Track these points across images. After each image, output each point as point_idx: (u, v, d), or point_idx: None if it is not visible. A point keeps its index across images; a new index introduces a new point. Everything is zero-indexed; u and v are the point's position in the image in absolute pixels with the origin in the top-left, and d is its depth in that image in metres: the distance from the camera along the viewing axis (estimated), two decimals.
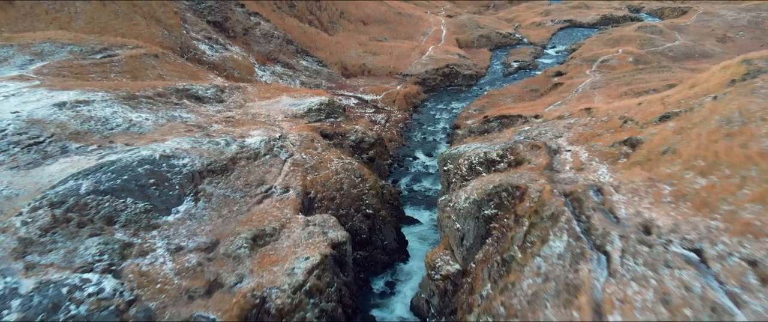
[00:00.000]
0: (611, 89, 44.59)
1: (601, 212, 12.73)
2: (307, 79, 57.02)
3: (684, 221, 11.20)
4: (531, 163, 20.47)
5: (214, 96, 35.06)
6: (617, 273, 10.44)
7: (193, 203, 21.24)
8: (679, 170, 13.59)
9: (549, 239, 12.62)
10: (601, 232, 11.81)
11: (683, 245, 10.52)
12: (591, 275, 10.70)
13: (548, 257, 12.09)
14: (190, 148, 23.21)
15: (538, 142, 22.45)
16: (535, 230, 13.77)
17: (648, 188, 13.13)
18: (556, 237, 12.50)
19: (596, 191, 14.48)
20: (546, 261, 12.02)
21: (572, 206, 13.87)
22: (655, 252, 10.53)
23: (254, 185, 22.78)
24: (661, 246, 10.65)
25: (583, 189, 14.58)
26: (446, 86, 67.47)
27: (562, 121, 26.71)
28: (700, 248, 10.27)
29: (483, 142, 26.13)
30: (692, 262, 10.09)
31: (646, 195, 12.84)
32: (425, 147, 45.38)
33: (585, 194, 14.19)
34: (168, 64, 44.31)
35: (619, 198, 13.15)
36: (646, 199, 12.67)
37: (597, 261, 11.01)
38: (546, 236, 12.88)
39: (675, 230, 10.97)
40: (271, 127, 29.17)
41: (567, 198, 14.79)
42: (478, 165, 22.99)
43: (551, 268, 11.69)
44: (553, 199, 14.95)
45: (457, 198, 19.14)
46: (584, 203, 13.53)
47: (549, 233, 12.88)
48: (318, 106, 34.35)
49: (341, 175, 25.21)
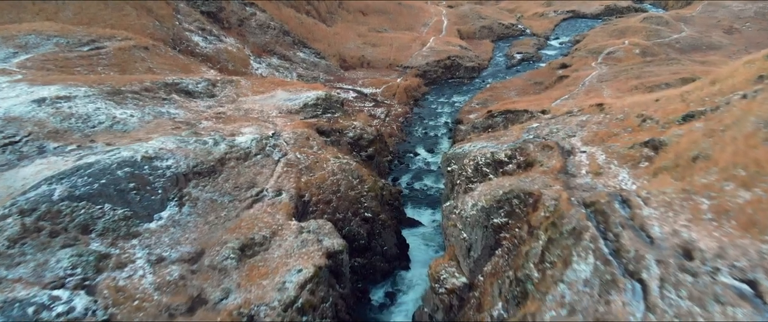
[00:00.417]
0: (620, 83, 42.89)
1: (632, 230, 11.17)
2: (304, 72, 55.24)
3: (730, 243, 9.64)
4: (543, 165, 18.90)
5: (205, 90, 33.40)
6: (657, 308, 8.91)
7: (177, 208, 19.68)
8: (717, 180, 12.02)
9: (572, 261, 11.07)
10: (634, 255, 10.25)
11: (733, 274, 8.97)
12: (625, 309, 9.17)
13: (573, 283, 10.55)
14: (175, 149, 21.61)
15: (549, 142, 20.86)
16: (554, 248, 12.22)
17: (683, 202, 11.56)
18: (580, 259, 10.95)
19: (621, 202, 12.92)
20: (570, 288, 10.48)
21: (596, 220, 12.31)
22: (701, 283, 8.98)
23: (244, 187, 21.22)
24: (708, 275, 9.11)
25: (607, 200, 13.02)
26: (448, 79, 65.66)
27: (573, 118, 25.10)
28: (754, 280, 8.73)
29: (489, 141, 24.54)
30: (746, 296, 8.55)
31: (682, 210, 11.27)
32: (426, 143, 43.76)
33: (609, 206, 12.63)
34: (158, 56, 42.54)
35: (650, 213, 11.59)
36: (682, 214, 11.11)
37: (631, 291, 9.48)
38: (568, 257, 11.33)
39: (721, 256, 9.42)
40: (264, 124, 27.55)
41: (588, 209, 13.24)
42: (484, 166, 21.43)
43: (577, 297, 10.15)
44: (573, 210, 13.40)
45: (463, 205, 17.59)
46: (610, 218, 11.97)
47: (572, 253, 11.33)
48: (314, 101, 32.70)
49: (338, 176, 23.65)
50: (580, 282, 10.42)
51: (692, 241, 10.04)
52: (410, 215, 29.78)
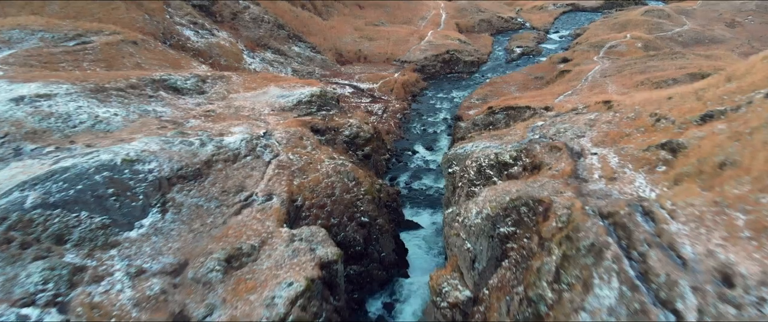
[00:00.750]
0: (625, 78, 41.64)
1: (660, 249, 9.95)
2: (299, 67, 53.80)
3: None
4: (551, 168, 17.67)
5: (194, 87, 32.02)
6: None
7: (160, 215, 18.40)
8: (751, 191, 10.80)
9: (593, 285, 9.85)
10: (665, 280, 9.05)
11: None
12: None
13: (596, 311, 9.34)
14: (158, 150, 20.29)
15: (557, 143, 19.63)
16: (571, 266, 11.00)
17: (715, 216, 10.35)
18: (603, 282, 9.73)
19: (644, 213, 11.70)
20: (593, 317, 9.28)
21: (617, 235, 11.09)
22: (747, 317, 7.77)
23: (232, 192, 19.94)
24: (754, 307, 7.92)
25: (627, 211, 11.79)
26: (446, 73, 64.26)
27: (580, 116, 23.86)
28: None
29: (492, 140, 23.29)
30: None
31: (715, 226, 10.06)
32: (425, 140, 42.50)
33: (631, 219, 11.40)
34: (148, 51, 41.07)
35: (679, 228, 10.36)
36: (715, 232, 9.89)
37: None
38: (589, 279, 10.12)
39: (767, 283, 8.20)
40: (255, 123, 26.23)
41: (606, 221, 12.03)
42: (488, 168, 20.20)
43: None
44: (589, 222, 12.18)
45: (466, 212, 16.36)
46: (633, 233, 10.74)
47: (592, 275, 10.11)
48: (308, 97, 31.36)
49: (333, 178, 22.39)
50: (604, 310, 9.21)
51: (731, 264, 8.83)
52: (409, 217, 28.57)
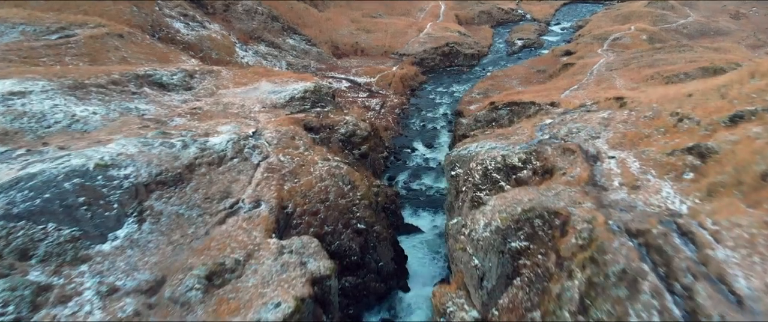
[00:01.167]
0: (632, 72, 40.01)
1: (707, 282, 8.41)
2: (294, 60, 52.00)
3: None
4: (566, 174, 16.11)
5: (180, 83, 30.31)
6: None
7: (137, 225, 16.81)
8: None
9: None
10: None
11: None
12: None
13: None
14: (136, 153, 18.66)
15: (570, 145, 18.05)
16: (599, 297, 9.46)
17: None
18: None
19: (681, 234, 10.14)
20: None
21: (652, 261, 9.55)
22: None
23: (216, 198, 18.34)
24: None
25: (662, 231, 10.24)
26: (446, 67, 62.51)
27: (592, 114, 22.28)
28: None
29: (497, 140, 21.71)
30: None
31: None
32: (425, 136, 40.88)
33: (667, 240, 9.85)
34: (134, 44, 39.26)
35: (727, 256, 8.82)
36: None
37: None
38: (624, 316, 8.57)
39: None
40: (244, 121, 24.58)
41: (636, 241, 10.48)
42: (494, 171, 18.64)
43: None
44: (615, 241, 10.64)
45: (473, 224, 14.80)
46: (673, 260, 9.20)
47: (628, 312, 8.57)
48: (302, 93, 29.69)
49: (327, 182, 20.80)
50: None
51: None
52: (408, 220, 27.03)
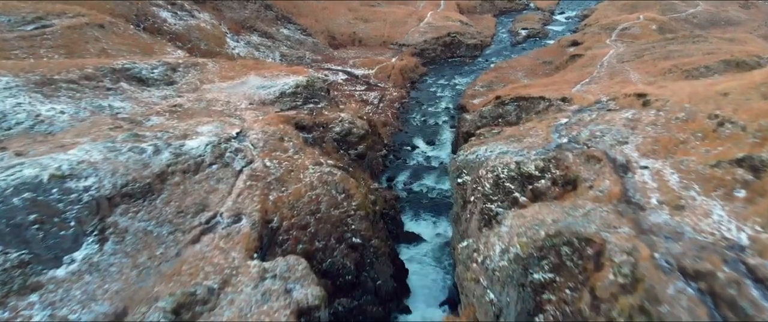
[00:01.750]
0: (646, 64, 37.63)
1: None
2: (288, 51, 49.53)
3: None
4: (593, 187, 13.89)
5: (162, 77, 27.97)
6: None
7: (97, 246, 14.62)
8: None
9: None
10: None
11: None
12: None
13: None
14: (100, 161, 16.40)
15: (594, 152, 15.81)
16: None
17: None
18: None
19: (755, 280, 7.96)
20: None
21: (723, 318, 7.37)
22: None
23: (191, 212, 16.12)
24: None
25: (730, 277, 8.06)
26: (447, 58, 60.02)
27: (613, 114, 20.02)
28: None
29: (509, 144, 19.46)
30: None
31: None
32: (426, 132, 38.58)
33: (742, 292, 7.67)
34: (116, 35, 36.81)
35: None
36: None
37: None
38: None
39: None
40: (227, 120, 22.30)
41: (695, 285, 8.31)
42: (508, 180, 16.42)
43: None
44: (668, 284, 8.50)
45: (487, 249, 12.61)
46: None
47: None
48: (293, 88, 27.37)
49: (318, 190, 18.58)
50: None
51: None
52: (409, 227, 24.89)
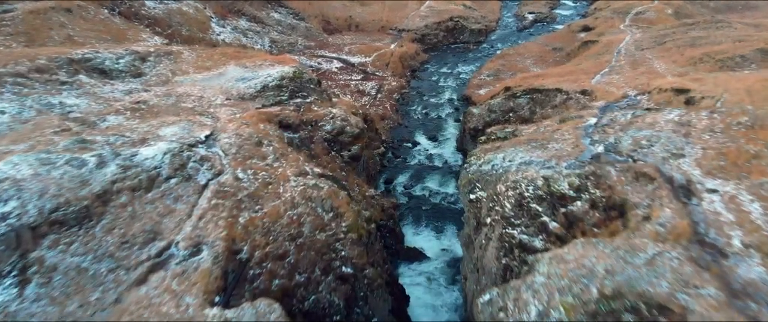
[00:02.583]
0: (671, 52, 34.20)
1: None
2: (278, 37, 45.97)
3: None
4: (650, 219, 10.72)
5: (128, 68, 24.62)
6: None
7: (17, 289, 11.47)
8: None
9: None
10: None
11: None
12: None
13: None
14: (28, 178, 13.19)
15: (644, 167, 12.62)
16: None
17: None
18: None
19: None
20: None
21: None
22: None
23: (138, 242, 12.95)
24: None
25: None
26: (450, 44, 56.41)
27: (656, 115, 16.78)
28: None
29: (530, 150, 16.25)
30: None
31: None
32: (428, 127, 35.31)
33: None
34: (84, 21, 33.34)
35: None
36: None
37: None
38: None
39: None
40: (198, 120, 19.04)
41: None
42: (534, 201, 13.26)
43: None
44: None
45: (519, 309, 9.44)
46: None
47: None
48: (278, 80, 24.04)
49: (301, 208, 15.39)
50: None
51: None
52: (410, 241, 21.84)
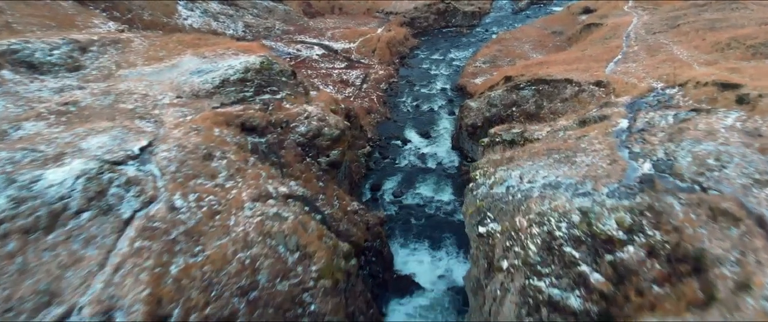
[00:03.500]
0: (689, 37, 30.76)
1: None
2: (254, 21, 41.77)
3: None
4: (750, 287, 7.31)
5: (63, 61, 20.63)
6: None
7: None
8: None
9: None
10: None
11: None
12: None
13: None
14: None
15: (721, 201, 9.19)
16: None
17: None
18: None
19: None
20: None
21: None
22: None
23: (27, 309, 9.27)
24: None
25: None
26: (441, 28, 52.54)
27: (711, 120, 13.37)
28: None
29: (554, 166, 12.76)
30: None
31: None
32: (419, 121, 31.70)
33: None
34: (27, 6, 28.99)
35: None
36: None
37: None
38: None
39: None
40: (135, 126, 15.25)
41: None
42: (568, 243, 9.83)
43: None
44: None
45: None
46: None
47: None
48: (241, 73, 20.22)
49: (256, 248, 11.79)
50: None
51: None
52: (400, 266, 18.41)
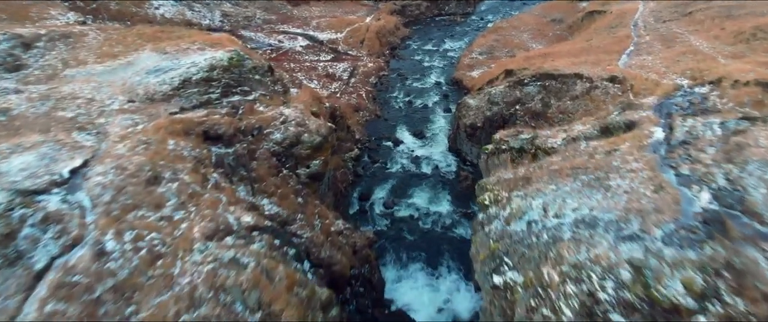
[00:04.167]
0: (704, 24, 28.29)
1: None
2: (232, 9, 38.67)
3: None
4: None
5: (2, 60, 17.75)
6: None
7: None
8: None
9: None
10: None
11: None
12: None
13: None
14: None
15: None
16: None
17: None
18: None
19: None
20: None
21: None
22: None
23: None
24: None
25: None
26: (434, 15, 49.68)
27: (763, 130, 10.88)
28: None
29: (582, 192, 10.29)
30: None
31: None
32: (412, 119, 29.08)
33: None
34: None
35: None
36: None
37: None
38: None
39: None
40: (71, 140, 12.51)
41: None
42: (615, 309, 7.33)
43: None
44: None
45: None
46: None
47: None
48: (205, 71, 17.44)
49: (205, 308, 9.15)
50: None
51: None
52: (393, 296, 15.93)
